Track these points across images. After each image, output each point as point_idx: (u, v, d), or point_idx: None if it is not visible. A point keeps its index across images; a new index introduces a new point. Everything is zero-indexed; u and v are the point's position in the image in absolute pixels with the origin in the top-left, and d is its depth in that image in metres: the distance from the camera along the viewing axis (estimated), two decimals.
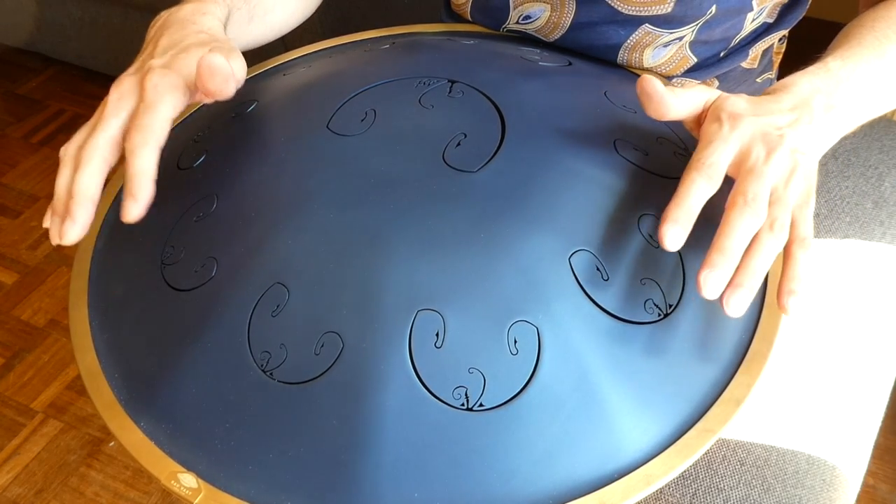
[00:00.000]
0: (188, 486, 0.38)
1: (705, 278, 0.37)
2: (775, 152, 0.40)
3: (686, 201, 0.39)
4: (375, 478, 0.37)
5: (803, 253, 0.40)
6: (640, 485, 0.37)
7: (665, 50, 0.58)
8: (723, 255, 0.37)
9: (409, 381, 0.38)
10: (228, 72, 0.43)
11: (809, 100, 0.43)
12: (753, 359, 0.41)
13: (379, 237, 0.40)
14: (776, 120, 0.42)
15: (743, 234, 0.38)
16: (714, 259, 0.37)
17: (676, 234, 0.38)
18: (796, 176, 0.40)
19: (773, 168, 0.40)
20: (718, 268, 0.37)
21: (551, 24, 0.59)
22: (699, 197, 0.39)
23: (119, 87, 0.44)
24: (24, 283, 1.31)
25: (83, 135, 0.43)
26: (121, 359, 0.43)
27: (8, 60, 1.77)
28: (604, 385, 0.38)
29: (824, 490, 0.55)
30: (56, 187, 0.43)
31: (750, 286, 0.38)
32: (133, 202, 0.41)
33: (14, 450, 1.09)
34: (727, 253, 0.38)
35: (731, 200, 0.39)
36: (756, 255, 0.38)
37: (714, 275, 0.37)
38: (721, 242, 0.38)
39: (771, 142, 0.40)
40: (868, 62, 0.47)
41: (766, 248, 0.39)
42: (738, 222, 0.38)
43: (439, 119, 0.45)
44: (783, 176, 0.40)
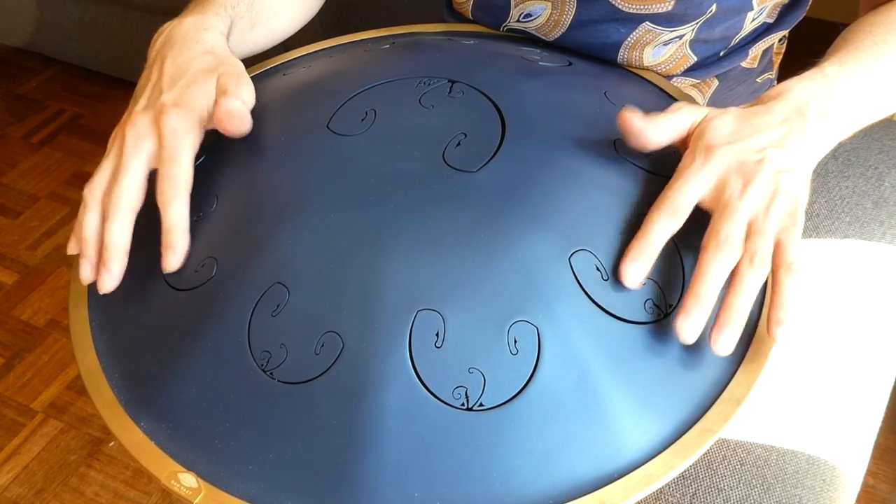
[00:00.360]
0: (188, 486, 0.38)
1: (681, 325, 0.38)
2: (752, 182, 0.40)
3: (647, 239, 0.40)
4: (375, 478, 0.37)
5: (790, 279, 0.39)
6: (640, 485, 0.37)
7: (665, 48, 0.58)
8: (697, 300, 0.38)
9: (409, 381, 0.38)
10: (244, 113, 0.45)
11: (803, 107, 0.43)
12: (753, 358, 0.41)
13: (379, 237, 0.40)
14: (760, 140, 0.41)
15: (717, 276, 0.39)
16: (689, 305, 0.38)
17: (636, 270, 0.39)
18: (778, 200, 0.40)
19: (750, 200, 0.40)
20: (694, 313, 0.38)
21: (552, 23, 0.59)
22: (661, 235, 0.40)
23: (134, 128, 0.45)
24: (24, 283, 1.31)
25: (105, 177, 0.45)
26: (121, 359, 0.43)
27: (8, 60, 1.78)
28: (604, 385, 0.38)
29: (824, 490, 0.55)
30: (83, 229, 0.44)
31: (735, 324, 0.38)
32: (172, 253, 0.43)
33: (14, 450, 1.09)
34: (701, 297, 0.38)
35: (705, 242, 0.39)
36: (737, 291, 0.39)
37: (690, 321, 0.38)
38: (695, 287, 0.38)
39: (747, 172, 0.40)
40: (865, 67, 0.46)
41: (746, 282, 0.39)
42: (710, 265, 0.39)
43: (439, 119, 0.45)
44: (762, 205, 0.40)
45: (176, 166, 0.43)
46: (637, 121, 0.42)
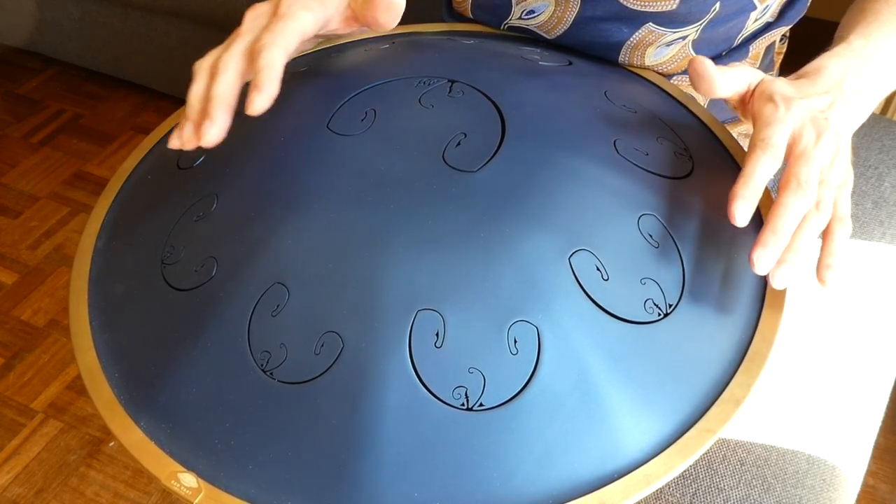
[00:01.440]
0: (188, 486, 0.38)
1: (758, 256, 0.40)
2: (823, 136, 0.42)
3: (752, 179, 0.41)
4: (375, 477, 0.37)
5: (842, 230, 0.43)
6: (640, 484, 0.37)
7: (668, 49, 0.58)
8: (775, 235, 0.40)
9: (408, 381, 0.38)
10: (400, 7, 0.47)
11: (841, 82, 0.46)
12: (753, 359, 0.41)
13: (379, 237, 0.40)
14: (818, 103, 0.44)
15: (795, 215, 0.40)
16: (767, 238, 0.40)
17: (745, 209, 0.40)
18: (839, 158, 0.43)
19: (822, 151, 0.42)
20: (770, 246, 0.40)
21: (555, 20, 0.59)
22: (764, 174, 0.41)
23: (254, 9, 0.46)
24: (24, 283, 1.31)
25: (217, 52, 0.46)
26: (121, 358, 0.43)
27: (8, 60, 1.77)
28: (604, 385, 0.38)
29: (824, 490, 0.55)
30: (190, 97, 0.44)
31: (795, 263, 0.41)
32: (258, 94, 0.41)
33: (14, 450, 1.09)
34: (779, 233, 0.40)
35: (785, 182, 0.41)
36: (802, 234, 0.41)
37: (766, 253, 0.40)
38: (774, 223, 0.40)
39: (819, 125, 0.43)
40: (888, 38, 0.49)
41: (811, 227, 0.41)
42: (791, 204, 0.40)
43: (439, 119, 0.45)
44: (829, 159, 0.42)
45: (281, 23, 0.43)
46: (710, 66, 0.44)
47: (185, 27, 1.37)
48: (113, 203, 0.52)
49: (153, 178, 0.52)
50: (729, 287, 0.43)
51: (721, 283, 0.43)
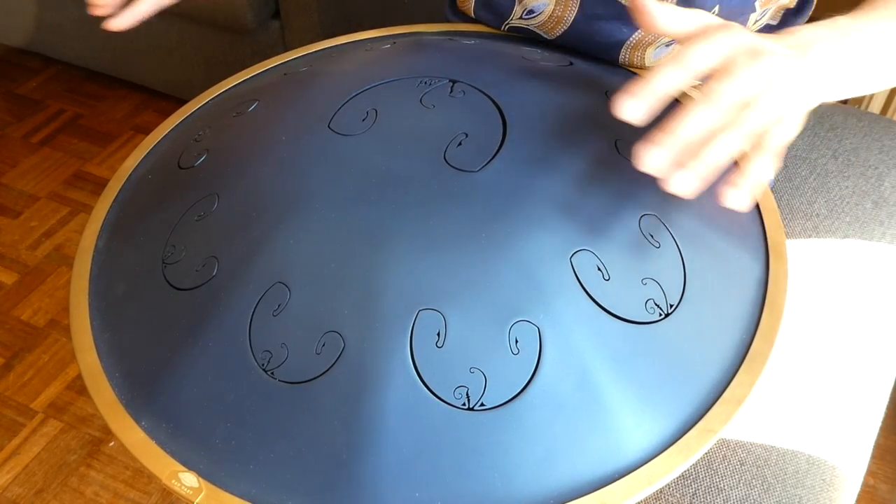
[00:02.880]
0: (189, 486, 0.38)
1: (642, 150, 0.37)
2: (761, 62, 0.39)
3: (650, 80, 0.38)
4: (376, 477, 0.37)
5: (760, 158, 0.39)
6: (641, 485, 0.37)
7: (667, 49, 0.58)
8: (667, 135, 0.37)
9: (410, 381, 0.38)
10: None
11: (811, 43, 0.43)
12: (754, 359, 0.41)
13: (380, 237, 0.40)
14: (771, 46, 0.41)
15: (695, 123, 0.37)
16: (657, 136, 0.37)
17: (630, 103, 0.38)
18: (779, 93, 0.39)
19: (753, 76, 0.38)
20: (658, 144, 0.37)
21: (555, 19, 0.59)
22: (666, 80, 0.38)
23: None
24: (24, 283, 1.31)
25: None
26: (121, 358, 0.43)
27: (8, 60, 1.77)
28: (605, 385, 0.38)
29: (824, 490, 0.56)
30: None
31: (695, 171, 0.37)
32: None
33: (14, 450, 1.09)
34: (672, 134, 0.37)
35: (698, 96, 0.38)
36: (710, 147, 0.37)
37: (653, 150, 0.37)
38: (670, 124, 0.37)
39: (760, 54, 0.39)
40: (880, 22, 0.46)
41: (720, 142, 0.38)
42: (693, 112, 0.37)
43: (440, 119, 0.45)
44: (763, 87, 0.39)
45: None
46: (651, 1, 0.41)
47: (185, 27, 1.37)
48: (113, 203, 0.52)
49: (153, 178, 0.52)
50: (730, 287, 0.43)
51: (722, 284, 0.43)
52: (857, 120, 0.82)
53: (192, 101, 0.59)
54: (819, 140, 0.80)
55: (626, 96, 0.38)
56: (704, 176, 0.38)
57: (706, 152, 0.38)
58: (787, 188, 0.75)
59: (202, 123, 0.54)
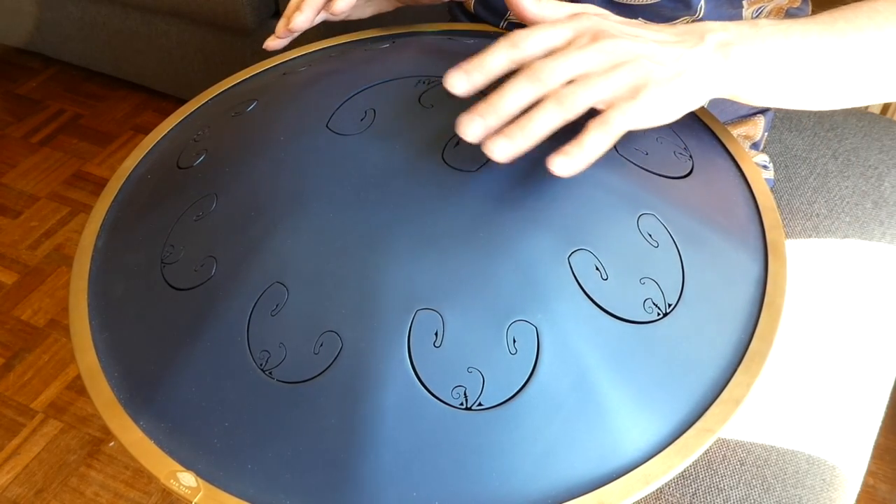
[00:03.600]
0: (187, 485, 0.38)
1: (462, 120, 0.38)
2: (599, 41, 0.39)
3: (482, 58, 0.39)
4: (374, 477, 0.37)
5: (599, 129, 0.38)
6: (639, 484, 0.37)
7: None
8: (486, 104, 0.38)
9: (407, 381, 0.38)
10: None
11: (705, 34, 0.41)
12: (753, 358, 0.41)
13: (378, 236, 0.40)
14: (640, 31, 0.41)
15: (516, 94, 0.38)
16: (479, 108, 0.38)
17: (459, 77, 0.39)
18: (624, 69, 0.39)
19: (587, 55, 0.39)
20: (477, 113, 0.38)
21: None
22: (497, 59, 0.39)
23: None
24: (24, 283, 1.31)
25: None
26: (120, 358, 0.43)
27: (8, 60, 1.78)
28: (603, 384, 0.38)
29: (824, 490, 0.55)
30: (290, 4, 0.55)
31: (514, 138, 0.38)
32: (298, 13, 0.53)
33: (14, 450, 1.09)
34: (491, 103, 0.38)
35: None
36: (530, 115, 0.38)
37: (472, 118, 0.38)
38: (490, 97, 0.38)
39: (603, 34, 0.39)
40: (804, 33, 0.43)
41: (544, 112, 0.38)
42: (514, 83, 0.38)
43: (439, 118, 0.45)
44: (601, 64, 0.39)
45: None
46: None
47: (185, 27, 1.37)
48: (113, 203, 0.52)
49: (153, 178, 0.52)
50: (728, 287, 0.43)
51: (721, 283, 0.43)
52: (857, 120, 0.82)
53: (192, 101, 0.59)
54: (819, 140, 0.79)
55: (456, 70, 0.39)
56: (521, 144, 0.38)
57: (527, 120, 0.38)
58: (786, 188, 0.75)
59: (201, 123, 0.54)
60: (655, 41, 0.40)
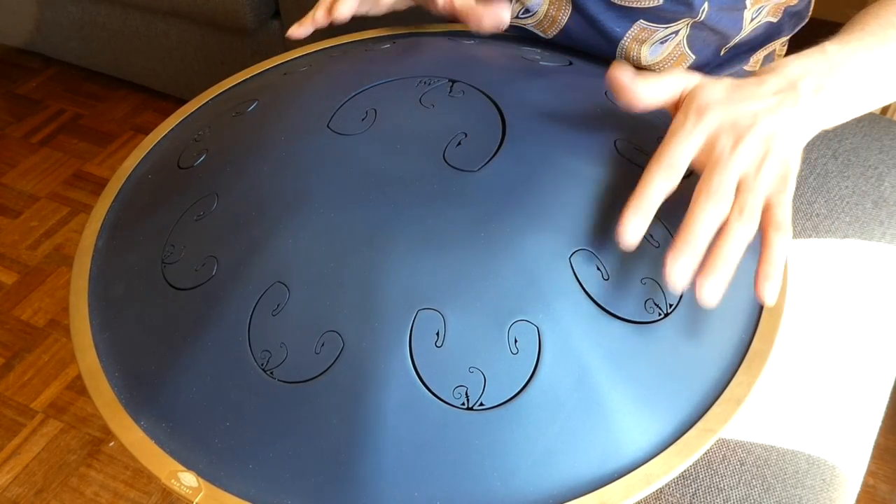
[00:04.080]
0: (188, 485, 0.38)
1: (671, 265, 0.38)
2: (743, 140, 0.40)
3: (645, 195, 0.39)
4: (375, 477, 0.37)
5: (779, 237, 0.40)
6: (640, 484, 0.37)
7: (662, 46, 0.58)
8: (686, 243, 0.38)
9: (409, 381, 0.38)
10: None
11: (797, 82, 0.43)
12: (754, 358, 0.41)
13: (379, 236, 0.40)
14: (752, 106, 0.42)
15: (706, 223, 0.39)
16: (679, 246, 0.38)
17: (637, 225, 0.39)
18: (769, 161, 0.40)
19: (741, 156, 0.40)
20: (683, 254, 0.38)
21: (549, 18, 0.59)
22: (658, 193, 0.40)
23: None
24: (24, 283, 1.31)
25: None
26: (121, 358, 0.43)
27: (8, 60, 1.78)
28: (604, 384, 0.38)
29: (824, 490, 0.55)
30: None
31: (720, 272, 0.38)
32: None
33: (14, 450, 1.09)
34: (690, 241, 0.38)
35: (696, 193, 0.40)
36: (724, 241, 0.39)
37: (679, 262, 0.38)
38: (684, 231, 0.38)
39: (739, 130, 0.40)
40: (869, 48, 0.46)
41: (733, 233, 0.39)
42: (701, 211, 0.39)
43: (440, 118, 0.45)
44: (753, 164, 0.40)
45: None
46: (626, 76, 0.42)
47: (185, 27, 1.37)
48: (113, 203, 0.52)
49: (153, 178, 0.52)
50: (729, 287, 0.43)
51: None
52: (857, 120, 0.82)
53: (192, 101, 0.59)
54: (819, 140, 0.79)
55: (629, 215, 0.39)
56: (727, 277, 0.38)
57: (724, 250, 0.39)
58: None
59: (202, 123, 0.54)
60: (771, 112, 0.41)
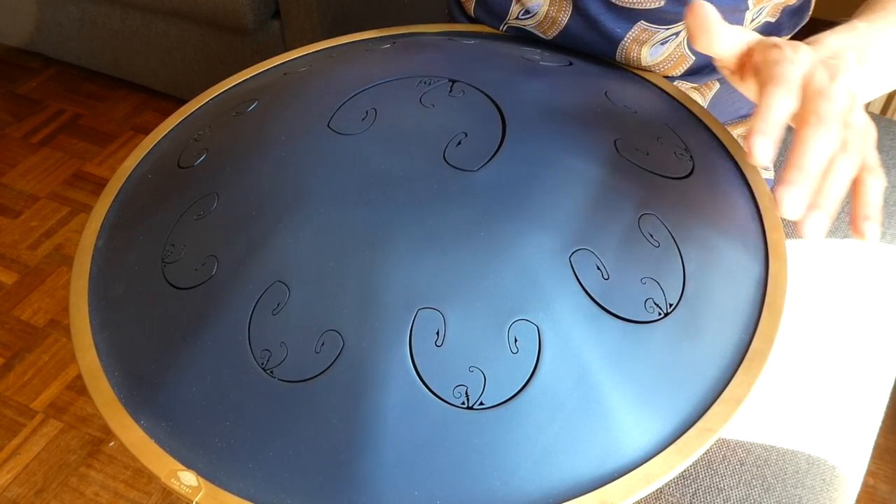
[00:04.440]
0: (188, 485, 0.38)
1: (785, 196, 0.35)
2: (838, 77, 0.38)
3: (771, 114, 0.37)
4: (375, 476, 0.37)
5: (873, 179, 0.38)
6: (640, 484, 0.37)
7: (663, 48, 0.58)
8: (801, 172, 0.35)
9: (409, 380, 0.38)
10: None
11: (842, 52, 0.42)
12: (753, 358, 0.41)
13: (379, 236, 0.40)
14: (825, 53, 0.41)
15: (819, 152, 0.36)
16: (792, 175, 0.35)
17: (764, 144, 0.36)
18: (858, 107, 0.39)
19: (840, 91, 0.38)
20: (797, 184, 0.35)
21: (549, 19, 0.60)
22: (783, 110, 0.37)
23: None
24: (24, 283, 1.31)
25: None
26: (121, 357, 0.43)
27: (8, 60, 1.78)
28: (604, 384, 0.38)
29: (824, 490, 0.55)
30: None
31: (828, 209, 0.36)
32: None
33: (14, 450, 1.09)
34: (806, 170, 0.35)
35: (802, 119, 0.37)
36: (833, 176, 0.36)
37: (794, 192, 0.35)
38: (797, 159, 0.35)
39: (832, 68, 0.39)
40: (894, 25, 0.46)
41: (841, 169, 0.36)
42: (814, 139, 0.36)
43: (440, 118, 0.45)
44: (848, 102, 0.38)
45: None
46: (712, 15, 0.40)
47: (185, 27, 1.37)
48: (113, 202, 0.52)
49: (153, 178, 0.52)
50: (729, 287, 0.43)
51: (721, 283, 0.43)
52: None
53: (192, 101, 0.59)
54: None
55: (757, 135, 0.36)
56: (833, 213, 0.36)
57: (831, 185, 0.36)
58: None
59: (202, 123, 0.54)
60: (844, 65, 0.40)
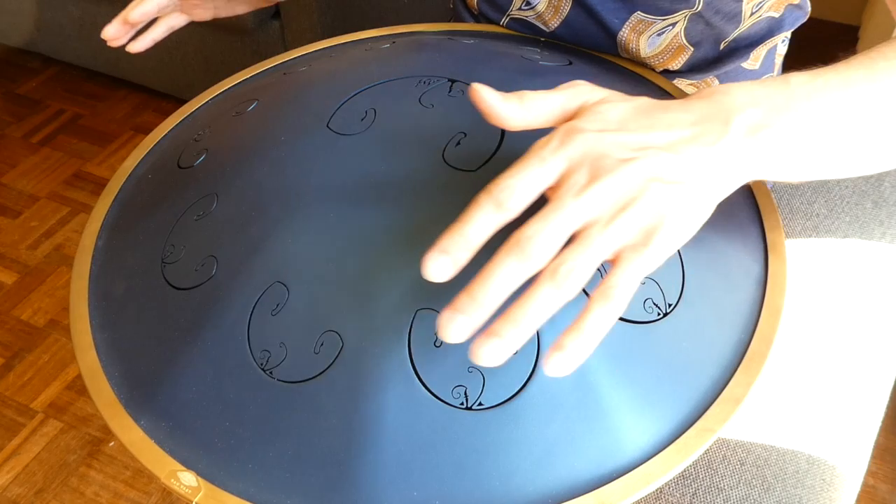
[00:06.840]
0: (188, 485, 0.38)
1: (445, 321, 0.31)
2: (600, 181, 0.32)
3: (464, 229, 0.32)
4: (374, 477, 0.37)
5: (599, 307, 0.31)
6: (639, 484, 0.37)
7: (660, 38, 0.58)
8: (471, 298, 0.31)
9: (408, 380, 0.38)
10: None
11: (732, 115, 0.35)
12: (753, 358, 0.41)
13: (378, 236, 0.40)
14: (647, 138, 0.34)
15: (504, 280, 0.31)
16: (460, 302, 0.31)
17: (441, 265, 0.31)
18: (633, 210, 0.32)
19: (590, 200, 0.32)
20: (462, 311, 0.31)
21: (551, 10, 0.60)
22: (481, 227, 0.32)
23: None
24: (24, 283, 1.31)
25: None
26: (121, 358, 0.43)
27: (8, 60, 1.78)
28: (603, 384, 0.38)
29: (824, 490, 0.56)
30: None
31: (508, 337, 0.30)
32: None
33: (14, 450, 1.09)
34: (476, 297, 0.31)
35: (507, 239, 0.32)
36: (523, 303, 0.31)
37: (456, 318, 0.31)
38: (472, 285, 0.31)
39: (602, 168, 0.32)
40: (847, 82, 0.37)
41: (537, 297, 0.31)
42: (499, 266, 0.31)
43: (439, 118, 0.45)
44: (608, 209, 0.32)
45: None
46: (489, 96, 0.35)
47: (185, 27, 1.37)
48: (113, 202, 0.52)
49: (153, 178, 0.52)
50: (728, 287, 0.43)
51: (721, 283, 0.43)
52: None
53: (192, 101, 0.59)
54: None
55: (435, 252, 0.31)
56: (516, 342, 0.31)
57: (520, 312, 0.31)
58: (786, 188, 0.75)
59: (202, 123, 0.54)
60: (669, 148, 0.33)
